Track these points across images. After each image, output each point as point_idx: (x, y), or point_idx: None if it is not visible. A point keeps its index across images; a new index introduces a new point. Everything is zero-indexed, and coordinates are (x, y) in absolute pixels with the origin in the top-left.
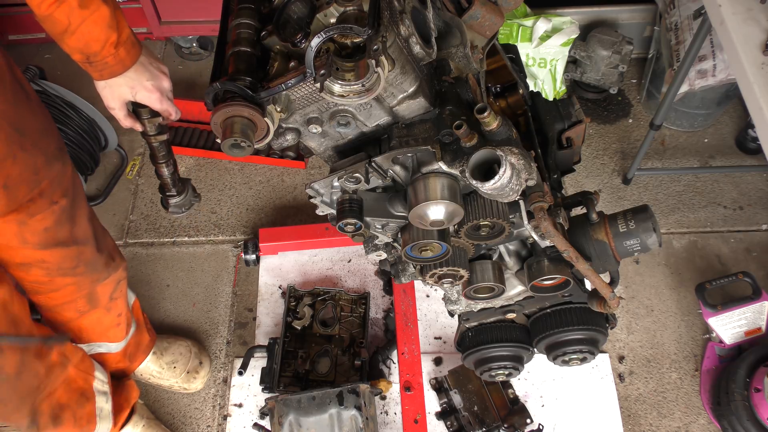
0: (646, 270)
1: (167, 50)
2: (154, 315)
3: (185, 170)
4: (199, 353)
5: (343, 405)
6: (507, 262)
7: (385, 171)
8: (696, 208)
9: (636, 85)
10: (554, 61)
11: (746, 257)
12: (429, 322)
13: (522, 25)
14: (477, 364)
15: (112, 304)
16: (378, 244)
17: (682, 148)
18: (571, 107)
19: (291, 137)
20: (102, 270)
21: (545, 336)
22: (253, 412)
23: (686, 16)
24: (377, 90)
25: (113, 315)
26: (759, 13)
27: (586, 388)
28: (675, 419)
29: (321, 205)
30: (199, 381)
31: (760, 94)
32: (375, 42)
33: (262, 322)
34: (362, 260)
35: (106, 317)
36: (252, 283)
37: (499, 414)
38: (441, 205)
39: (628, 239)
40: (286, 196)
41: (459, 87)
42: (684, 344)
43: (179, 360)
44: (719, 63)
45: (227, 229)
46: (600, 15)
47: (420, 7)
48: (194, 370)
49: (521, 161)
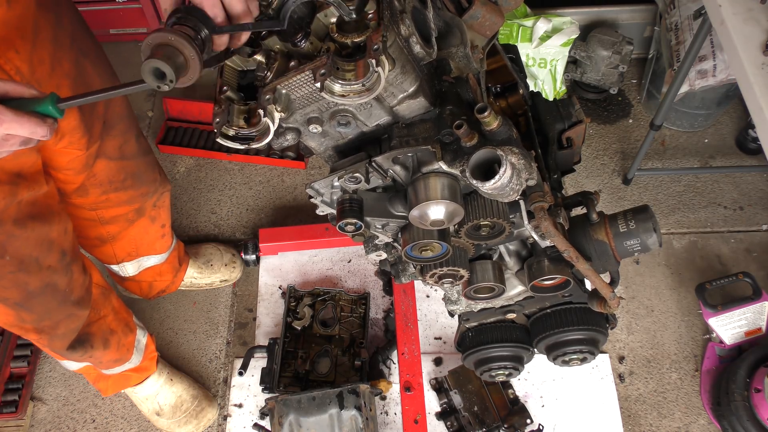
0: (646, 270)
1: None
2: (154, 315)
3: (185, 170)
4: (227, 249)
5: (343, 405)
6: (507, 262)
7: (386, 171)
8: (696, 208)
9: (636, 85)
10: (554, 62)
11: (746, 257)
12: (429, 323)
13: (522, 25)
14: (477, 364)
15: (155, 212)
16: (378, 244)
17: (682, 149)
18: (571, 107)
19: (291, 137)
20: (149, 184)
21: (545, 336)
22: (253, 413)
23: (686, 16)
24: (377, 90)
25: (157, 225)
26: (759, 13)
27: (586, 388)
28: (675, 419)
29: (321, 205)
30: (237, 270)
31: (760, 95)
32: (375, 41)
33: (262, 323)
34: (362, 260)
35: (152, 227)
36: (252, 284)
37: (499, 414)
38: (441, 204)
39: (628, 239)
40: (286, 196)
41: (459, 87)
42: (684, 344)
43: (213, 256)
44: (719, 63)
45: (227, 229)
46: (600, 15)
47: (420, 7)
48: (231, 262)
49: (522, 161)
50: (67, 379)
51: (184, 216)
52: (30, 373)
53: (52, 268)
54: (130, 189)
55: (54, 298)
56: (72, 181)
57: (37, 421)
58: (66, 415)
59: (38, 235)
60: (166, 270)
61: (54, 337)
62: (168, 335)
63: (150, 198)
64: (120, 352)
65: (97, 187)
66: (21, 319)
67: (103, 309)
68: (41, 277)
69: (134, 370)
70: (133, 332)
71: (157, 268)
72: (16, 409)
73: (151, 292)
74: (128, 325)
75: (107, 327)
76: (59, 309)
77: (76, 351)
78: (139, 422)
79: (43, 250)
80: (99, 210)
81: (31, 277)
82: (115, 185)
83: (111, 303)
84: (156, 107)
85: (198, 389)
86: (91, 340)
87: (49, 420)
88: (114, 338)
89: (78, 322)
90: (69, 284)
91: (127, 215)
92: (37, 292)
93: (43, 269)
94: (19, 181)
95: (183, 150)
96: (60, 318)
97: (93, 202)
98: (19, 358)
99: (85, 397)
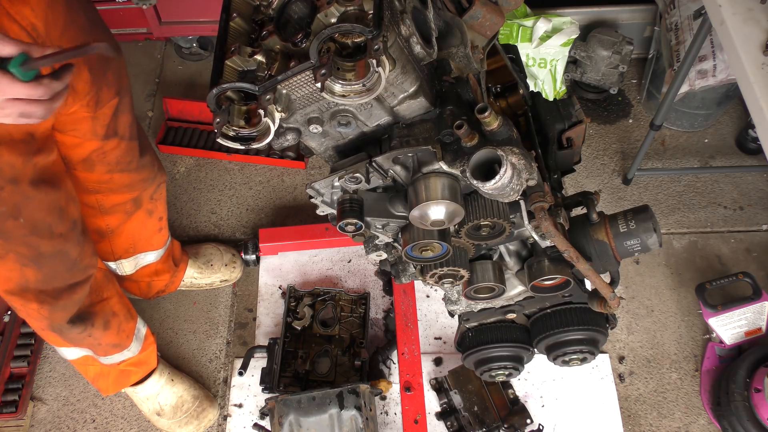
0: (646, 270)
1: (167, 50)
2: (155, 315)
3: (185, 170)
4: (227, 249)
5: (343, 405)
6: (507, 262)
7: (386, 171)
8: (696, 208)
9: (636, 85)
10: (554, 62)
11: (746, 257)
12: (429, 323)
13: (522, 25)
14: (477, 364)
15: (152, 205)
16: (378, 244)
17: (682, 149)
18: (572, 107)
19: (291, 137)
20: (149, 170)
21: (545, 336)
22: (253, 413)
23: (686, 16)
24: (378, 90)
25: (155, 218)
26: (759, 13)
27: (587, 388)
28: (675, 419)
29: (321, 205)
30: (237, 270)
31: (760, 95)
32: (376, 42)
33: (262, 323)
34: (362, 260)
35: (149, 220)
36: (252, 284)
37: (499, 414)
38: (441, 205)
39: (628, 239)
40: (286, 197)
41: (459, 87)
42: (684, 344)
43: (213, 256)
44: (719, 63)
45: (227, 229)
46: (600, 15)
47: (421, 7)
48: (231, 262)
49: (522, 161)
50: (67, 379)
51: (184, 216)
52: (30, 373)
53: (64, 236)
54: (134, 172)
55: (63, 264)
56: (78, 145)
57: (37, 421)
58: (66, 415)
59: (51, 199)
60: (163, 269)
61: (55, 308)
62: (168, 335)
63: (148, 187)
64: (120, 336)
65: (105, 165)
66: (26, 279)
67: (106, 291)
68: (53, 243)
69: (134, 364)
70: (134, 319)
71: (153, 266)
72: (16, 409)
73: (150, 292)
74: (130, 311)
75: (110, 309)
76: (66, 275)
77: (76, 326)
78: (140, 422)
79: (55, 217)
80: (100, 194)
81: (44, 241)
82: (121, 166)
83: (115, 286)
84: (156, 107)
85: (199, 389)
86: (92, 319)
87: (49, 420)
88: (115, 321)
89: (81, 294)
90: (80, 254)
91: (126, 206)
92: (48, 255)
93: (55, 236)
94: (32, 141)
95: (183, 150)
96: (64, 286)
97: (96, 180)
98: (19, 358)
99: (85, 397)
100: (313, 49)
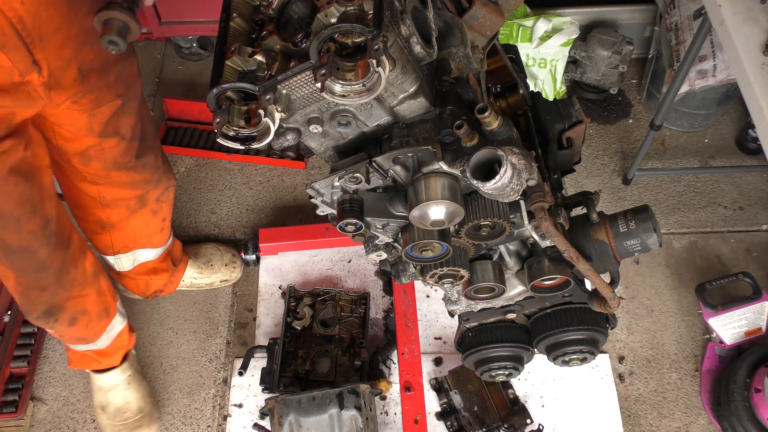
0: (646, 270)
1: (167, 50)
2: (155, 315)
3: (185, 170)
4: (227, 249)
5: (343, 405)
6: (507, 263)
7: (386, 171)
8: (696, 208)
9: (636, 85)
10: (554, 62)
11: (746, 257)
12: (429, 323)
13: (522, 25)
14: (477, 364)
15: (158, 206)
16: (378, 244)
17: (682, 149)
18: (572, 107)
19: (291, 137)
20: (152, 171)
21: (545, 336)
22: (253, 413)
23: (686, 16)
24: (378, 90)
25: (158, 219)
26: (759, 13)
27: (586, 388)
28: (675, 419)
29: (321, 205)
30: (237, 270)
31: (760, 95)
32: (376, 42)
33: (262, 323)
34: (362, 260)
35: (153, 220)
36: (252, 284)
37: (499, 414)
38: (442, 205)
39: (628, 239)
40: (286, 197)
41: (460, 87)
42: (684, 344)
43: (213, 256)
44: (719, 63)
45: (227, 229)
46: (600, 15)
47: (421, 7)
48: (231, 262)
49: (522, 161)
50: (67, 379)
51: (184, 216)
52: (30, 373)
53: (34, 234)
54: (132, 171)
55: (30, 264)
56: (75, 139)
57: (37, 421)
58: (66, 415)
59: (21, 192)
60: (162, 268)
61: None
62: (168, 335)
63: (154, 189)
64: (87, 332)
65: (101, 161)
66: None
67: (87, 288)
68: (20, 238)
69: (98, 353)
70: (110, 318)
71: (151, 264)
72: (16, 409)
73: (147, 291)
74: (107, 309)
75: (82, 307)
76: (34, 276)
77: (39, 321)
78: None
79: (26, 211)
80: (100, 186)
81: (10, 233)
82: (118, 164)
83: (98, 284)
84: (156, 107)
85: (149, 405)
86: (58, 315)
87: (49, 420)
88: (84, 319)
89: (48, 296)
90: (50, 258)
91: (129, 202)
92: (16, 250)
93: (22, 231)
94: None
95: (183, 150)
96: (32, 285)
97: (93, 174)
98: (19, 358)
99: (85, 397)
100: (313, 49)
